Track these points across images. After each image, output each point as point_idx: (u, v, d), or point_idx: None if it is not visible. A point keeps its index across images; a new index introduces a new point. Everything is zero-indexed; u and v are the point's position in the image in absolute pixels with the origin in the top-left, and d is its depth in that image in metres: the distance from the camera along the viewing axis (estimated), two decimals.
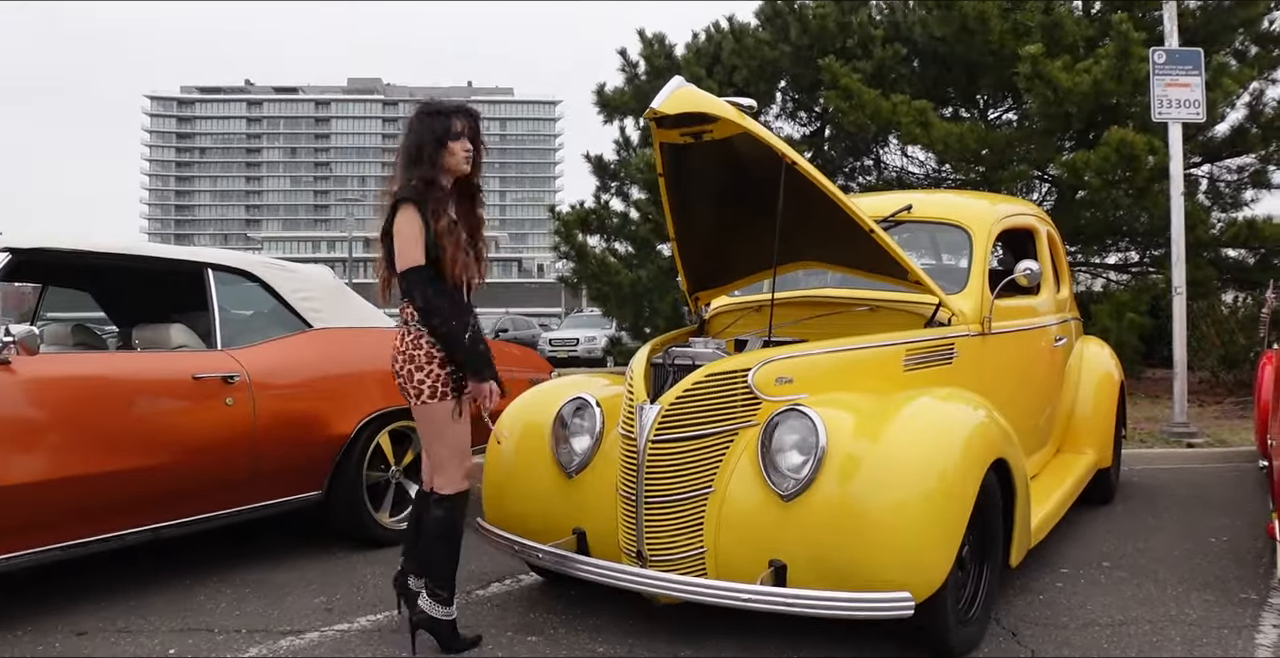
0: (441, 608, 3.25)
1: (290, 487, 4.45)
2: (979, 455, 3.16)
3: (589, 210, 14.61)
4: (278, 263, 4.92)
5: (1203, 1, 11.76)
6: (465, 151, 3.26)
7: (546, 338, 24.36)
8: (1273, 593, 3.91)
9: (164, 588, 4.10)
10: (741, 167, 3.62)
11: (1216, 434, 7.96)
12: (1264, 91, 11.94)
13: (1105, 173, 10.27)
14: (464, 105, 3.35)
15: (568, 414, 3.64)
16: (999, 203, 5.14)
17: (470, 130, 3.29)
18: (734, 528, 3.09)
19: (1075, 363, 5.51)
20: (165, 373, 4.01)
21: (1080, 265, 13.58)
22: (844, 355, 3.59)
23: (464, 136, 3.27)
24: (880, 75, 12.64)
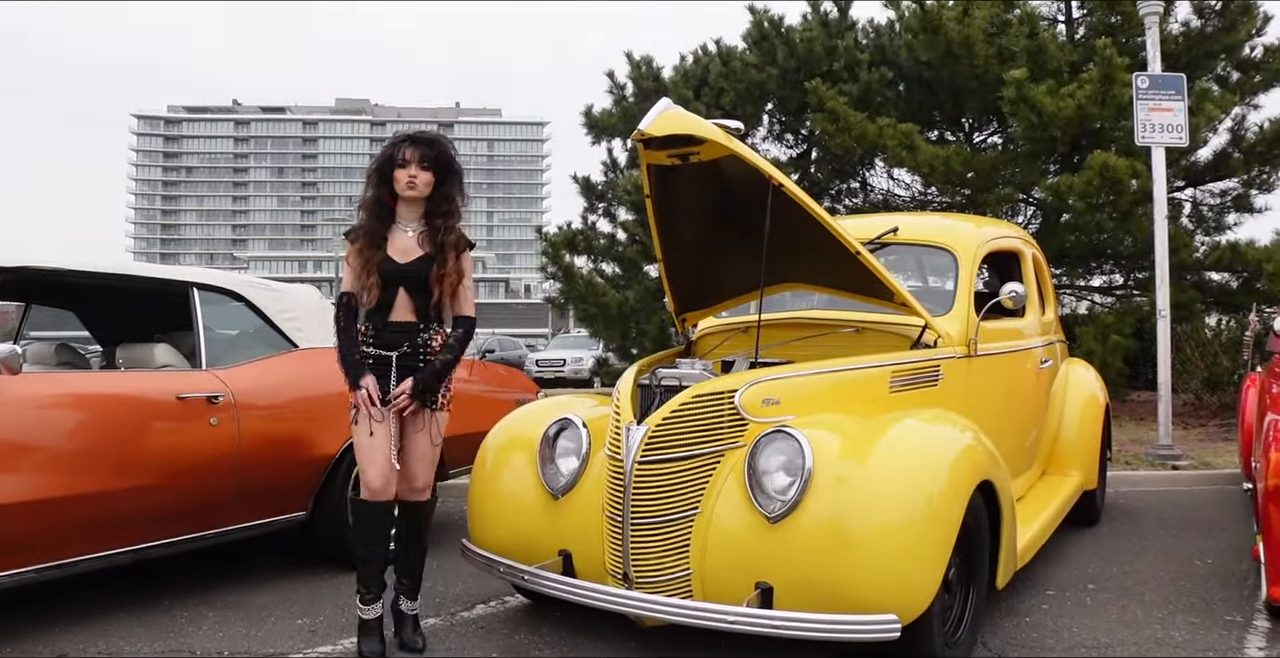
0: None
1: (274, 507, 4.42)
2: (965, 478, 3.15)
3: (576, 231, 14.66)
4: (263, 282, 4.91)
5: (1185, 27, 11.91)
6: (408, 179, 3.38)
7: (533, 358, 24.35)
8: (1257, 616, 3.91)
9: (145, 610, 4.05)
10: (728, 188, 3.63)
11: (1201, 457, 8.00)
12: (1246, 117, 12.11)
13: (1089, 196, 10.36)
14: (419, 133, 3.48)
15: (554, 435, 3.63)
16: (984, 226, 5.17)
17: (421, 157, 3.39)
18: (720, 550, 3.07)
19: (1060, 385, 5.52)
20: (149, 393, 3.98)
21: (1065, 288, 13.66)
22: (830, 377, 3.60)
23: (410, 164, 3.37)
24: (866, 98, 12.75)
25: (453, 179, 3.48)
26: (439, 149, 3.45)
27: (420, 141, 3.43)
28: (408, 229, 3.46)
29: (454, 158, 3.51)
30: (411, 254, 3.41)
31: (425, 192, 3.42)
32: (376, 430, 3.35)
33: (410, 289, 3.40)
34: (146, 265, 4.51)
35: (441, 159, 3.44)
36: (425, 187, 3.42)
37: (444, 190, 3.46)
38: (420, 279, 3.38)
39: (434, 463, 3.52)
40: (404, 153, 3.39)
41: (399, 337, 3.40)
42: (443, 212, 3.45)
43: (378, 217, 3.45)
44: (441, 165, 3.44)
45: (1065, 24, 13.04)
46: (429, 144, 3.43)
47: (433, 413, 3.44)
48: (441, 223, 3.44)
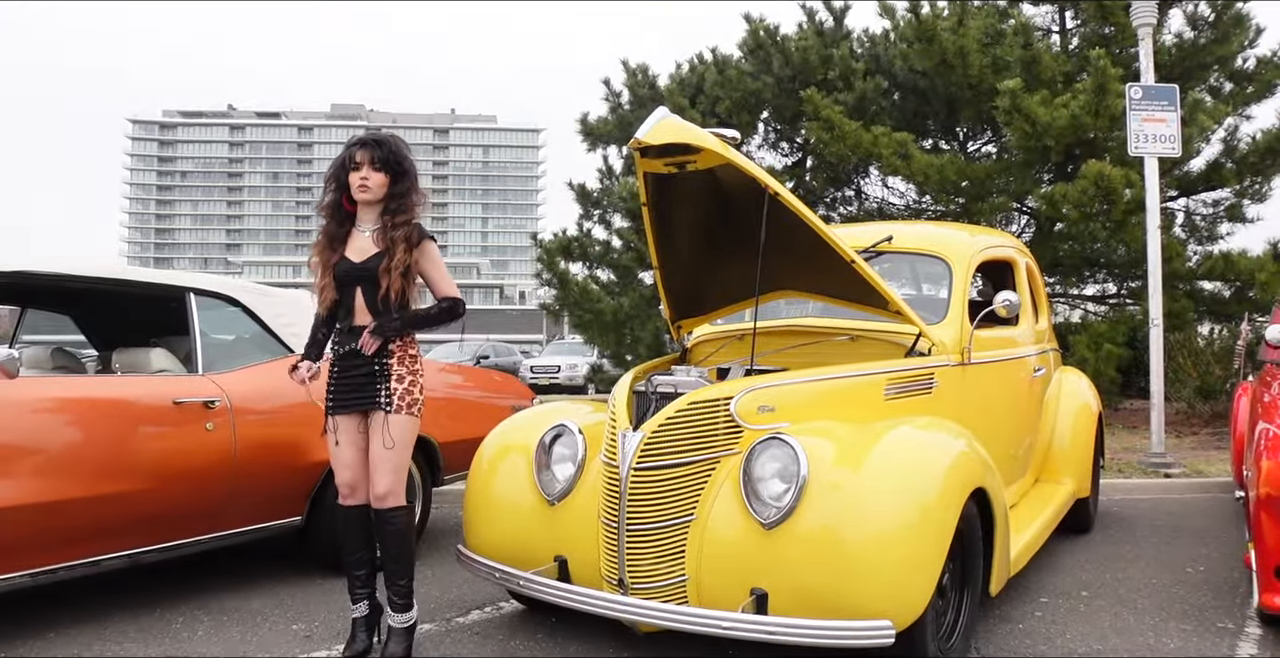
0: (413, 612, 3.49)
1: (270, 513, 4.43)
2: (959, 485, 3.17)
3: (571, 238, 14.68)
4: (260, 288, 4.92)
5: (1178, 39, 11.98)
6: (360, 181, 3.44)
7: (528, 365, 24.33)
8: (1249, 622, 3.93)
9: (140, 615, 4.06)
10: (724, 197, 3.65)
11: (1194, 465, 8.03)
12: (1238, 127, 12.17)
13: (1083, 206, 10.41)
14: (369, 135, 3.52)
15: (550, 441, 3.64)
16: (978, 234, 5.20)
17: (372, 159, 3.43)
18: (715, 556, 3.09)
19: (1054, 393, 5.55)
20: (146, 397, 3.99)
21: (1059, 297, 13.71)
22: (825, 384, 3.62)
23: (361, 166, 3.43)
24: (861, 107, 12.80)
25: (405, 178, 3.51)
26: (389, 149, 3.47)
27: (371, 144, 3.47)
28: (366, 230, 3.51)
29: (406, 157, 3.54)
30: (367, 253, 3.45)
31: (379, 193, 3.47)
32: (341, 439, 3.44)
33: (366, 287, 3.43)
34: (143, 270, 4.52)
35: (392, 159, 3.47)
36: (379, 188, 3.45)
37: (396, 189, 3.49)
38: (374, 275, 3.41)
39: (395, 468, 3.40)
40: (355, 156, 3.45)
41: (353, 338, 3.43)
42: (392, 209, 3.48)
43: (336, 221, 3.53)
44: (393, 165, 3.47)
45: (1059, 34, 13.11)
46: (379, 145, 3.47)
47: (386, 415, 3.38)
48: (390, 219, 3.46)
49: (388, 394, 3.39)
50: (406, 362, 3.44)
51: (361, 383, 3.41)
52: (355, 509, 3.47)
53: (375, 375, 3.40)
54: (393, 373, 3.40)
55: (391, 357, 3.41)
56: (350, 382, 3.43)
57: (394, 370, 3.41)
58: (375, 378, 3.40)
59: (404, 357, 3.43)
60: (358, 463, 3.44)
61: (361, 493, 3.46)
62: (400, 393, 3.40)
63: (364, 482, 3.45)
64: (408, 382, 3.42)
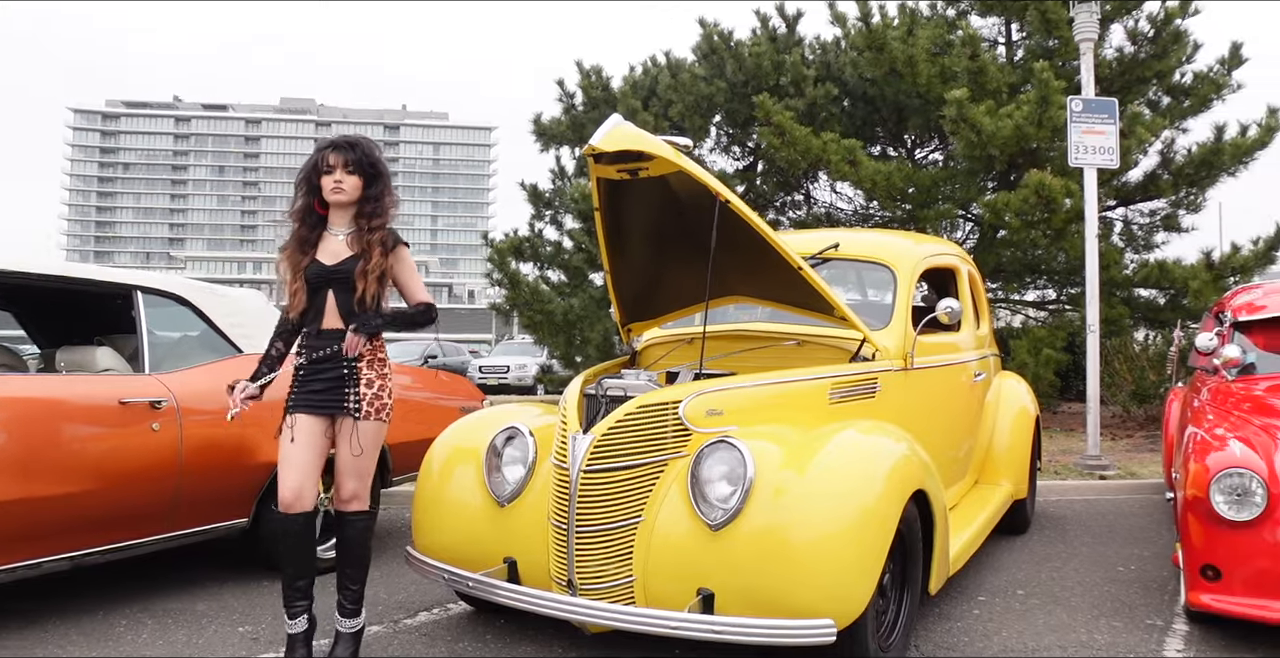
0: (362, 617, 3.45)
1: (216, 514, 4.40)
2: (900, 487, 3.26)
3: (522, 238, 14.67)
4: (209, 287, 4.88)
5: (1119, 53, 12.27)
6: (333, 184, 3.41)
7: (477, 365, 24.22)
8: (1177, 619, 4.08)
9: (83, 617, 4.02)
10: (676, 203, 3.71)
11: (1128, 467, 8.24)
12: (1175, 140, 12.46)
13: (1025, 214, 10.63)
14: (341, 138, 3.50)
15: (500, 443, 3.68)
16: (923, 242, 5.32)
17: (345, 162, 3.42)
18: (663, 557, 3.14)
19: (994, 397, 5.69)
20: (91, 397, 3.95)
21: (1000, 302, 13.97)
22: (772, 389, 3.69)
23: (335, 169, 3.41)
24: (812, 113, 12.94)
25: (379, 181, 3.50)
26: (362, 152, 3.46)
27: (343, 146, 3.45)
28: (339, 234, 3.48)
29: (379, 160, 3.52)
30: (340, 256, 3.43)
31: (353, 196, 3.45)
32: (298, 438, 3.35)
33: (338, 290, 3.41)
34: (90, 267, 4.46)
35: (366, 162, 3.46)
36: (353, 190, 3.44)
37: (371, 192, 3.48)
38: (348, 278, 3.39)
39: (362, 474, 3.43)
40: (328, 159, 3.42)
41: (324, 343, 3.39)
42: (367, 213, 3.47)
43: (307, 224, 3.48)
44: (366, 168, 3.46)
45: (1005, 46, 13.36)
46: (352, 148, 3.45)
47: (355, 422, 3.38)
48: (366, 223, 3.45)
49: (357, 400, 3.36)
50: (376, 366, 3.42)
51: (330, 386, 3.36)
52: (298, 519, 3.31)
53: (345, 379, 3.36)
54: (362, 377, 3.38)
55: (361, 360, 3.38)
56: (317, 383, 3.37)
57: (363, 375, 3.38)
58: (344, 382, 3.36)
59: (374, 360, 3.41)
60: (308, 465, 3.33)
61: (306, 499, 3.32)
62: (369, 398, 3.38)
63: (311, 487, 3.34)
64: (377, 386, 3.41)
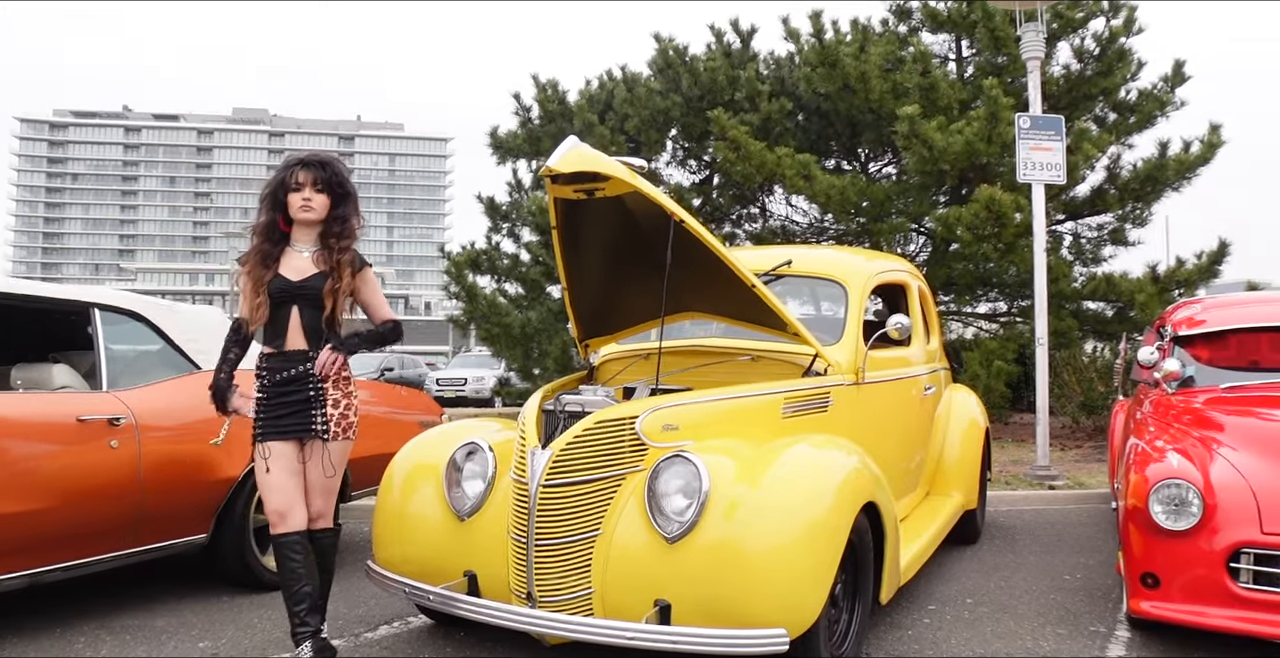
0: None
1: (175, 530, 4.40)
2: (851, 499, 3.35)
3: (480, 251, 14.70)
4: (166, 303, 4.89)
5: (1066, 70, 12.57)
6: (302, 201, 3.44)
7: (434, 377, 24.15)
8: (1119, 626, 4.21)
9: (40, 635, 4.01)
10: (632, 221, 3.78)
11: (1076, 477, 8.43)
12: (1121, 156, 12.77)
13: (976, 228, 10.85)
14: (310, 156, 3.53)
15: (460, 458, 3.72)
16: (874, 259, 5.44)
17: (315, 180, 3.45)
18: (621, 569, 3.21)
19: (944, 410, 5.82)
20: (48, 415, 3.94)
21: (952, 314, 14.20)
22: (726, 404, 3.77)
23: (304, 187, 3.44)
24: (766, 128, 13.11)
25: (347, 201, 3.54)
26: (332, 171, 3.50)
27: (313, 164, 3.48)
28: (303, 251, 3.50)
29: (348, 179, 3.56)
30: (306, 272, 3.45)
31: (321, 214, 3.48)
32: (273, 466, 3.38)
33: (304, 306, 3.43)
34: (47, 285, 4.45)
35: (335, 181, 3.49)
36: (321, 209, 3.47)
37: (338, 212, 3.51)
38: (314, 295, 3.41)
39: (328, 493, 3.51)
40: (297, 176, 3.44)
41: (288, 365, 3.41)
42: (336, 232, 3.50)
43: (270, 240, 3.49)
44: (335, 187, 3.49)
45: (956, 62, 13.63)
46: (322, 166, 3.48)
47: (324, 444, 3.43)
48: (335, 242, 3.48)
49: (325, 421, 3.40)
50: (341, 385, 3.46)
51: (296, 409, 3.39)
52: (290, 537, 3.37)
53: (311, 402, 3.40)
54: (328, 398, 3.42)
55: (327, 380, 3.42)
56: (283, 408, 3.39)
57: (330, 395, 3.42)
58: (311, 404, 3.40)
59: (339, 380, 3.45)
60: (291, 487, 3.39)
61: (294, 519, 3.38)
62: (336, 419, 3.43)
63: (298, 506, 3.39)
64: (343, 406, 3.45)
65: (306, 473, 3.44)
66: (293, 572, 3.35)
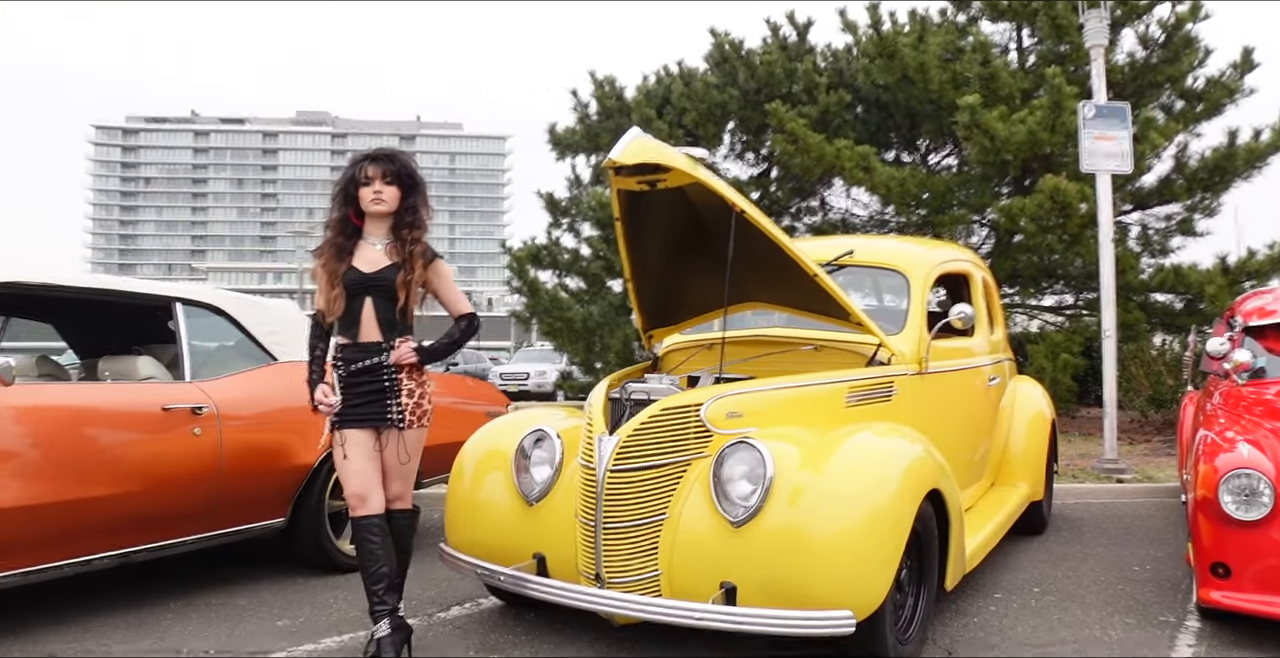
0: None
1: (254, 514, 4.57)
2: (915, 486, 3.38)
3: (541, 246, 14.82)
4: (244, 297, 5.05)
5: (1131, 58, 12.33)
6: (373, 195, 3.53)
7: (497, 372, 24.41)
8: (1189, 616, 4.17)
9: (130, 612, 4.18)
10: (694, 212, 3.85)
11: (1144, 471, 8.31)
12: (1188, 144, 12.47)
13: (1040, 219, 10.70)
14: (377, 151, 3.62)
15: (529, 445, 3.81)
16: (936, 249, 5.43)
17: (384, 173, 3.54)
18: (687, 552, 3.27)
19: (1009, 401, 5.78)
20: (135, 404, 4.12)
21: (1017, 307, 14.02)
22: (790, 392, 3.82)
23: (374, 181, 3.53)
24: (825, 120, 13.05)
25: (417, 192, 3.63)
26: (400, 163, 3.59)
27: (381, 158, 3.57)
28: (376, 243, 3.59)
29: (416, 171, 3.65)
30: (379, 264, 3.54)
31: (392, 206, 3.56)
32: (350, 453, 3.49)
33: (377, 298, 3.52)
34: (131, 280, 4.64)
35: (404, 173, 3.59)
36: (392, 201, 3.56)
37: (408, 203, 3.60)
38: (388, 287, 3.50)
39: (407, 476, 3.63)
40: (366, 170, 3.54)
41: (363, 355, 3.51)
42: (408, 223, 3.59)
43: (343, 234, 3.58)
44: (404, 179, 3.59)
45: (1017, 52, 13.43)
46: (390, 159, 3.58)
47: (399, 432, 3.54)
48: (408, 233, 3.57)
49: (400, 410, 3.51)
50: (414, 375, 3.56)
51: (371, 399, 3.50)
52: (369, 520, 3.46)
53: (385, 392, 3.50)
54: (403, 388, 3.52)
55: (400, 370, 3.52)
56: (359, 397, 3.50)
57: (404, 385, 3.52)
58: (385, 394, 3.50)
59: (412, 370, 3.55)
60: (369, 471, 3.49)
61: (373, 502, 3.48)
62: (411, 407, 3.53)
63: (376, 490, 3.49)
64: (417, 395, 3.55)
65: (384, 459, 3.55)
66: (371, 553, 3.45)
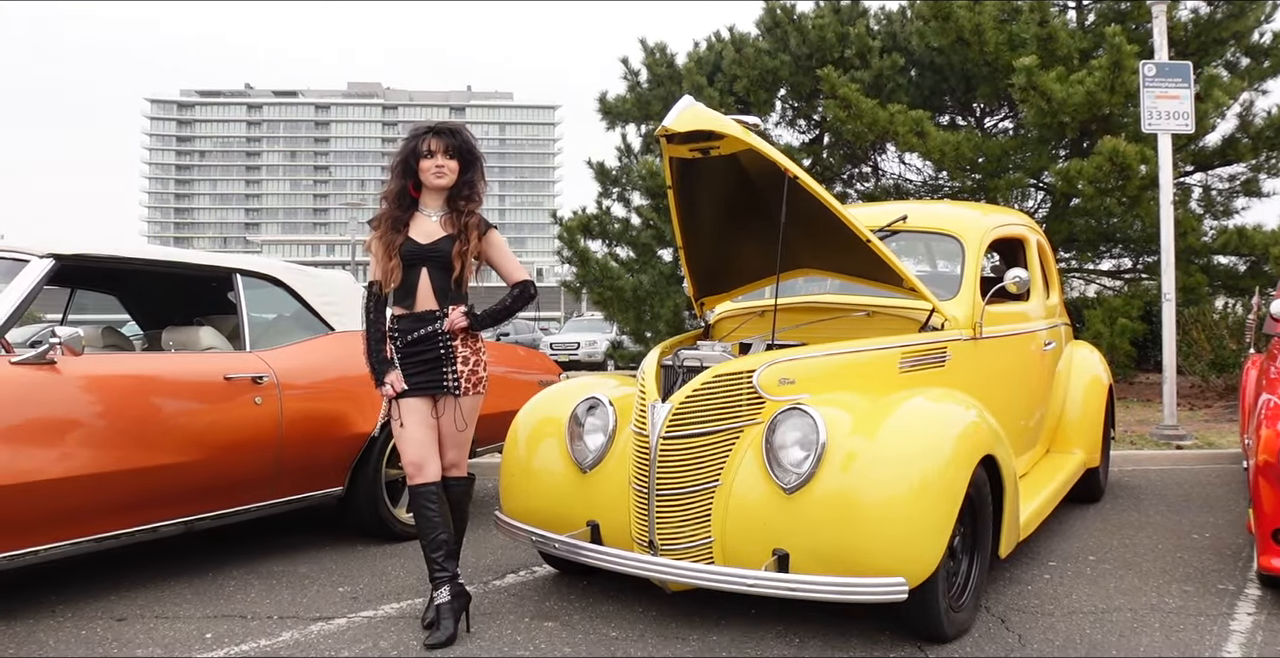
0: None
1: (313, 483, 4.66)
2: (968, 452, 3.36)
3: (591, 216, 14.84)
4: (301, 268, 5.12)
5: (1194, 14, 11.99)
6: (435, 168, 3.57)
7: (547, 342, 24.58)
8: (1249, 584, 4.12)
9: (194, 578, 4.31)
10: (746, 179, 3.83)
11: (1205, 437, 8.17)
12: (1254, 102, 12.15)
13: (1098, 182, 10.50)
14: (440, 124, 3.66)
15: (582, 413, 3.84)
16: (990, 213, 5.35)
17: (446, 147, 3.58)
18: (740, 519, 3.29)
19: (1065, 367, 5.71)
20: (199, 374, 4.22)
21: (1074, 272, 13.80)
22: (843, 358, 3.80)
23: (436, 154, 3.56)
24: (878, 85, 12.87)
25: (475, 166, 3.68)
26: (462, 138, 3.64)
27: (443, 132, 3.62)
28: (432, 215, 3.63)
29: (476, 146, 3.70)
30: (434, 236, 3.59)
31: (453, 179, 3.61)
32: (407, 421, 3.55)
33: (433, 269, 3.57)
34: (193, 252, 4.74)
35: (465, 147, 3.63)
36: (453, 174, 3.61)
37: (467, 177, 3.65)
38: (444, 257, 3.55)
39: (463, 443, 3.68)
40: (429, 144, 3.58)
41: (419, 324, 3.57)
42: (464, 196, 3.64)
43: (400, 206, 3.63)
44: (465, 153, 3.64)
45: (1075, 11, 13.12)
46: (452, 134, 3.63)
47: (455, 399, 3.59)
48: (464, 205, 3.62)
49: (455, 378, 3.56)
50: (470, 342, 3.61)
51: (428, 367, 3.55)
52: (426, 487, 3.52)
53: (441, 360, 3.55)
54: (458, 355, 3.57)
55: (455, 338, 3.57)
56: (416, 366, 3.56)
57: (459, 353, 3.57)
58: (442, 362, 3.55)
59: (467, 338, 3.60)
60: (426, 440, 3.55)
61: (430, 470, 3.53)
62: (466, 375, 3.58)
63: (433, 458, 3.55)
64: (473, 362, 3.60)
65: (440, 427, 3.61)
66: (429, 520, 3.51)
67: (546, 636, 3.52)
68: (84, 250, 4.07)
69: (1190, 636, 3.51)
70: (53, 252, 3.94)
